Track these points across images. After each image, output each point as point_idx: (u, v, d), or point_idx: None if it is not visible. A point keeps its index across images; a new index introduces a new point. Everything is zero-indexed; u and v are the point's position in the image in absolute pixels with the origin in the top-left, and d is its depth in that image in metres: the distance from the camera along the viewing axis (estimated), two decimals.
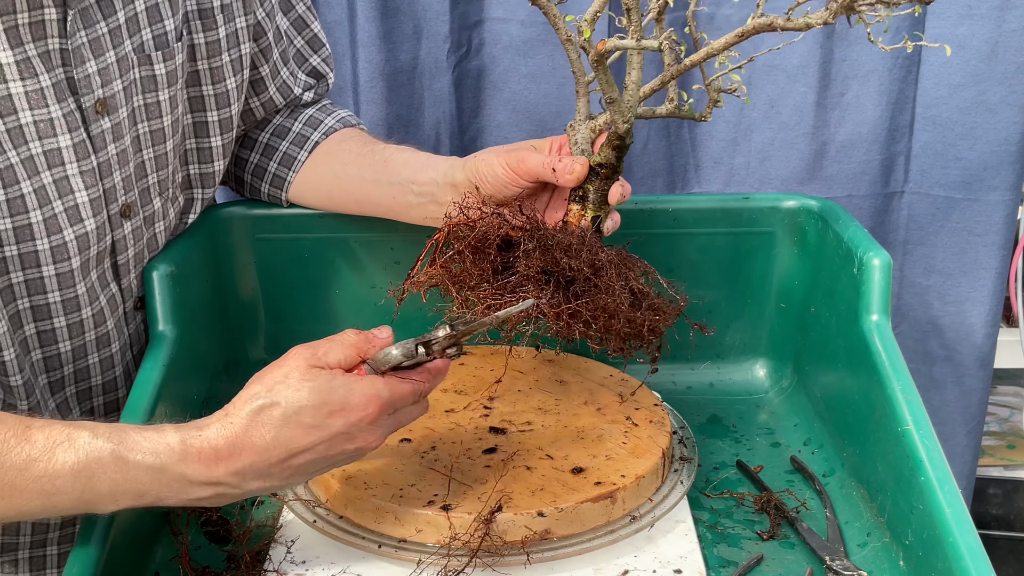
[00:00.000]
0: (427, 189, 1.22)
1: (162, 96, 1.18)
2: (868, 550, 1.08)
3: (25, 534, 1.23)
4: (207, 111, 1.25)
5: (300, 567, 1.05)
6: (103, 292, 1.17)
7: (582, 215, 1.12)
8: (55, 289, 1.11)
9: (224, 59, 1.23)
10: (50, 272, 1.10)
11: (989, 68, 1.64)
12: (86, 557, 0.94)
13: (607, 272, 1.07)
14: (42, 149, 1.06)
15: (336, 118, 1.37)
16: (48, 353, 1.15)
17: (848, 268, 1.21)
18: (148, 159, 1.19)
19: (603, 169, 1.11)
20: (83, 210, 1.11)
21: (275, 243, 1.37)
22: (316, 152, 1.34)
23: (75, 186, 1.10)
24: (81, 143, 1.09)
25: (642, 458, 1.11)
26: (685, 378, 1.40)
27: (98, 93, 1.10)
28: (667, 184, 1.77)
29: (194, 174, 1.28)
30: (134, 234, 1.19)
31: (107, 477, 0.91)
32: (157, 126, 1.18)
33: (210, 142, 1.27)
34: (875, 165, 1.71)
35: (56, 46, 1.06)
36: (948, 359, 1.78)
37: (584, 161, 1.11)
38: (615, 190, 1.11)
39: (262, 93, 1.33)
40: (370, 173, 1.28)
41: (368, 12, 1.62)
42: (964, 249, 1.74)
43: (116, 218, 1.16)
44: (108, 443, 0.91)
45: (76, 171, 1.09)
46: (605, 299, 1.05)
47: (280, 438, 0.93)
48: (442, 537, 1.02)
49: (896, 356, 1.12)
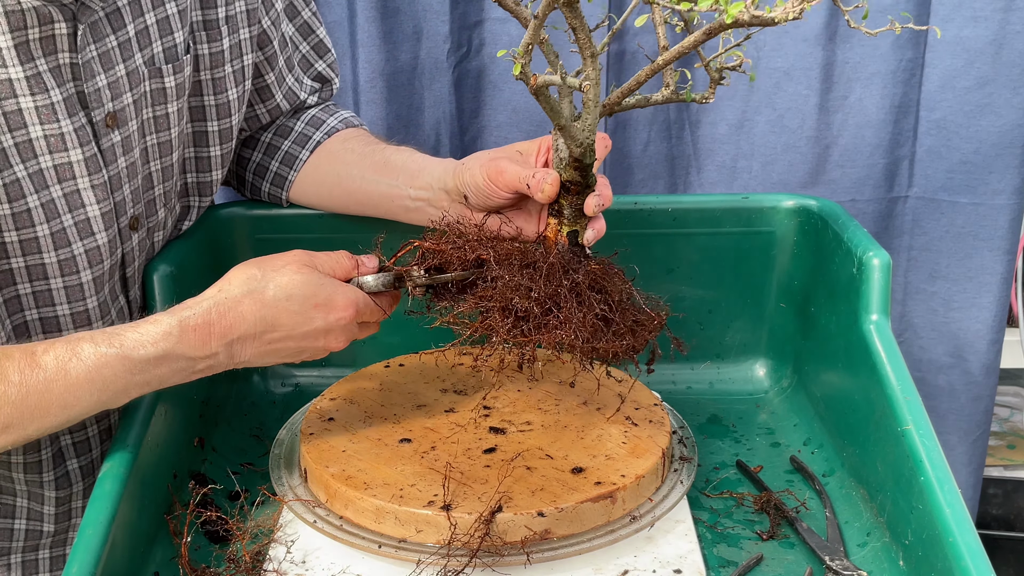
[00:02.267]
0: (423, 194, 1.23)
1: (171, 108, 1.18)
2: (868, 550, 1.08)
3: (18, 539, 1.23)
4: (207, 121, 1.25)
5: (300, 567, 1.05)
6: (114, 305, 1.18)
7: (558, 230, 1.11)
8: (63, 302, 1.12)
9: (227, 70, 1.24)
10: (58, 285, 1.11)
11: (993, 71, 1.63)
12: (86, 557, 0.94)
13: (568, 303, 1.05)
14: (52, 163, 1.07)
15: (338, 118, 1.37)
16: None
17: (848, 268, 1.21)
18: (155, 171, 1.19)
19: (572, 185, 1.09)
20: (95, 224, 1.11)
21: (275, 243, 1.36)
22: (318, 152, 1.34)
23: (86, 200, 1.10)
24: (92, 157, 1.09)
25: (642, 458, 1.11)
26: (685, 378, 1.40)
27: (108, 107, 1.10)
28: (668, 187, 1.77)
29: (191, 182, 1.28)
30: (139, 245, 1.19)
31: (117, 378, 0.99)
32: (165, 138, 1.19)
33: (209, 151, 1.27)
34: (879, 169, 1.71)
35: (66, 60, 1.06)
36: (954, 367, 1.78)
37: (555, 178, 1.08)
38: (590, 201, 1.09)
39: (268, 100, 1.34)
40: (370, 174, 1.28)
41: (368, 12, 1.62)
42: (969, 254, 1.73)
43: (126, 231, 1.16)
44: (111, 348, 0.99)
45: (87, 185, 1.10)
46: (560, 334, 1.05)
47: (267, 316, 1.05)
48: (442, 537, 1.02)
49: (896, 356, 1.12)
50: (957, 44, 1.62)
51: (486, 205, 1.16)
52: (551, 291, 1.06)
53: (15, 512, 1.22)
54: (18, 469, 1.18)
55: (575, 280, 1.06)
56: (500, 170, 1.12)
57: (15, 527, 1.22)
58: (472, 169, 1.15)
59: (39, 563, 1.25)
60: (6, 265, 1.08)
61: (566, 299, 1.05)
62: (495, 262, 1.08)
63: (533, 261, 1.08)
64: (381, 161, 1.28)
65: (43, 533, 1.23)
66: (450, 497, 1.05)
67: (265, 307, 1.04)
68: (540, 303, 1.05)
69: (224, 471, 1.21)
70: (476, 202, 1.16)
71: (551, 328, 1.05)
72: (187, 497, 1.13)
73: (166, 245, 1.27)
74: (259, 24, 1.27)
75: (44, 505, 1.22)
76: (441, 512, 1.03)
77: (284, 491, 1.12)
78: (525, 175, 1.10)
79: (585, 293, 1.06)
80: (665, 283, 1.38)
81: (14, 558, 1.24)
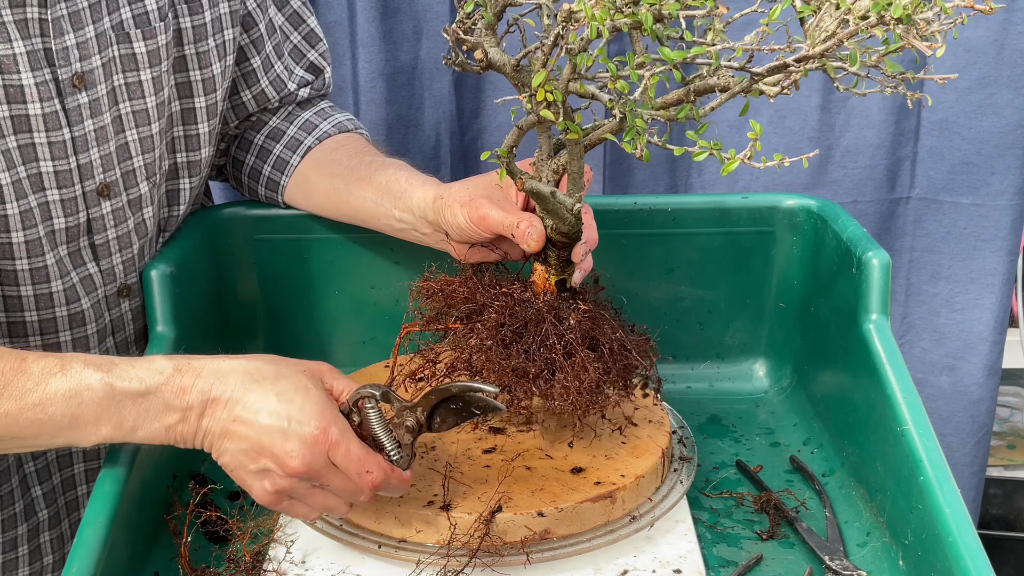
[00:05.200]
0: (407, 217, 1.21)
1: (144, 76, 1.18)
2: (868, 550, 1.08)
3: (22, 544, 1.23)
4: (194, 97, 1.25)
5: (300, 567, 1.05)
6: (76, 270, 1.17)
7: (546, 278, 1.10)
8: (23, 256, 1.11)
9: (210, 44, 1.24)
10: (19, 239, 1.10)
11: (995, 71, 1.63)
12: (86, 557, 0.94)
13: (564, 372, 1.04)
14: (9, 113, 1.07)
15: (332, 123, 1.36)
16: (12, 319, 1.14)
17: (847, 268, 1.21)
18: (132, 140, 1.19)
19: (559, 242, 1.08)
20: (47, 180, 1.11)
21: (275, 243, 1.37)
22: (308, 158, 1.33)
23: (41, 155, 1.10)
24: (53, 114, 1.09)
25: (642, 458, 1.11)
26: (685, 378, 1.40)
27: (76, 67, 1.10)
28: (668, 187, 1.76)
29: (181, 162, 1.27)
30: (115, 215, 1.18)
31: (95, 404, 0.95)
32: (140, 106, 1.18)
33: (197, 128, 1.27)
34: (880, 170, 1.70)
35: (35, 15, 1.06)
36: (956, 368, 1.77)
37: (540, 234, 1.07)
38: (578, 250, 1.08)
39: (254, 86, 1.33)
40: (356, 189, 1.26)
41: (368, 12, 1.62)
42: (971, 255, 1.73)
43: (92, 196, 1.15)
44: (98, 372, 0.96)
45: (44, 140, 1.09)
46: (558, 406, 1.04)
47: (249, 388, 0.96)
48: (442, 537, 1.02)
49: (896, 356, 1.12)
50: (959, 44, 1.62)
51: (471, 240, 1.16)
52: (547, 359, 1.05)
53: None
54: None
55: (568, 341, 1.05)
56: (483, 216, 1.11)
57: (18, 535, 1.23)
58: (453, 208, 1.14)
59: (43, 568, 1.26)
60: None
61: (562, 368, 1.05)
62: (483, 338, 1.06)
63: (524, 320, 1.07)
64: (366, 177, 1.26)
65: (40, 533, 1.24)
66: (450, 497, 1.05)
67: (254, 381, 0.97)
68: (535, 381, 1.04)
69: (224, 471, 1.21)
70: (458, 239, 1.16)
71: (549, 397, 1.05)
72: (187, 497, 1.13)
73: (166, 245, 1.27)
74: (241, 2, 1.27)
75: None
76: (441, 512, 1.03)
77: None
78: (510, 223, 1.09)
79: (581, 355, 1.05)
80: (665, 283, 1.38)
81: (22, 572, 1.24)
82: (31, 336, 1.16)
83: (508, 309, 1.07)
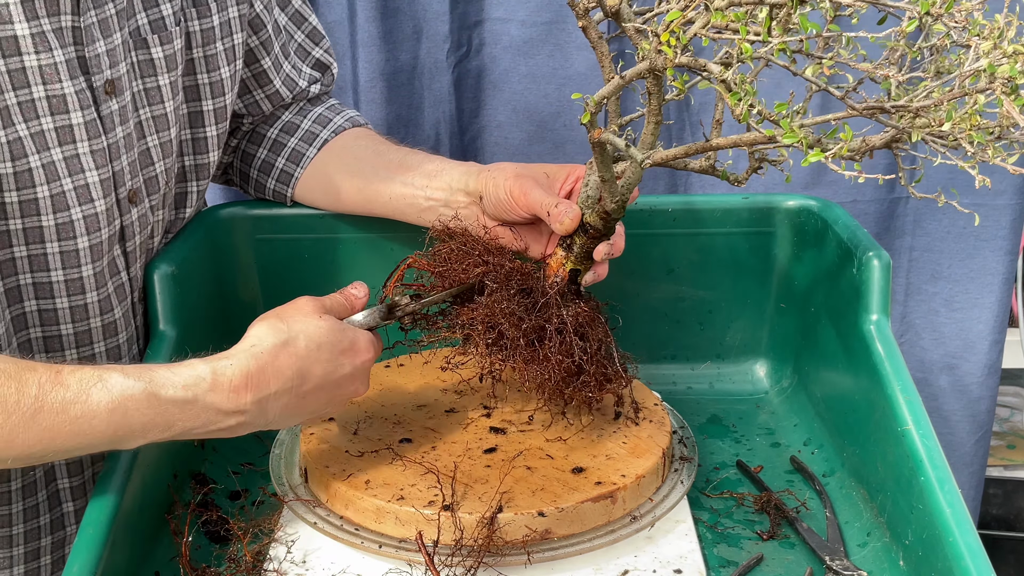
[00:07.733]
0: (439, 195, 1.23)
1: (162, 81, 1.18)
2: (868, 550, 1.08)
3: (18, 545, 1.22)
4: (202, 100, 1.25)
5: (300, 567, 1.05)
6: (112, 279, 1.17)
7: (563, 264, 1.12)
8: (58, 268, 1.11)
9: (218, 47, 1.24)
10: (54, 249, 1.10)
11: None
12: (86, 557, 0.94)
13: (551, 343, 1.07)
14: (54, 125, 1.07)
15: (345, 117, 1.37)
16: (48, 333, 1.14)
17: (848, 268, 1.21)
18: (153, 145, 1.19)
19: (592, 229, 1.11)
20: (94, 190, 1.11)
21: (275, 243, 1.37)
22: (325, 150, 1.34)
23: (86, 165, 1.10)
24: (92, 122, 1.09)
25: (642, 458, 1.11)
26: (685, 378, 1.40)
27: (107, 73, 1.10)
28: (668, 187, 1.76)
29: (189, 165, 1.28)
30: (140, 221, 1.19)
31: (140, 414, 0.95)
32: (159, 111, 1.19)
33: (205, 132, 1.27)
34: (880, 169, 1.70)
35: (68, 23, 1.06)
36: (956, 367, 1.77)
37: (575, 216, 1.10)
38: (601, 248, 1.11)
39: (267, 85, 1.34)
40: (384, 171, 1.29)
41: (368, 12, 1.62)
42: (971, 254, 1.72)
43: (124, 203, 1.16)
44: (139, 382, 0.95)
45: (87, 150, 1.09)
46: (535, 370, 1.07)
47: (303, 368, 1.01)
48: (442, 537, 1.02)
49: (896, 356, 1.12)
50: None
51: (500, 217, 1.18)
52: (539, 325, 1.08)
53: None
54: None
55: (563, 319, 1.08)
56: (525, 191, 1.14)
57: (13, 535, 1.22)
58: (496, 180, 1.17)
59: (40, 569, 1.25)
60: (3, 227, 1.07)
61: (551, 338, 1.07)
62: (493, 282, 1.09)
63: (530, 288, 1.10)
64: (397, 160, 1.29)
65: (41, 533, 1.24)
66: (450, 497, 1.05)
67: (300, 359, 1.01)
68: (526, 335, 1.07)
69: (225, 471, 1.22)
70: (491, 212, 1.19)
71: (528, 361, 1.07)
72: (188, 497, 1.13)
73: (167, 244, 1.27)
74: (249, 5, 1.27)
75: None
76: (442, 512, 1.03)
77: (284, 491, 1.13)
78: (548, 203, 1.12)
79: (569, 336, 1.08)
80: (665, 283, 1.38)
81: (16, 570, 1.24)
82: (67, 349, 1.15)
83: (519, 270, 1.11)
